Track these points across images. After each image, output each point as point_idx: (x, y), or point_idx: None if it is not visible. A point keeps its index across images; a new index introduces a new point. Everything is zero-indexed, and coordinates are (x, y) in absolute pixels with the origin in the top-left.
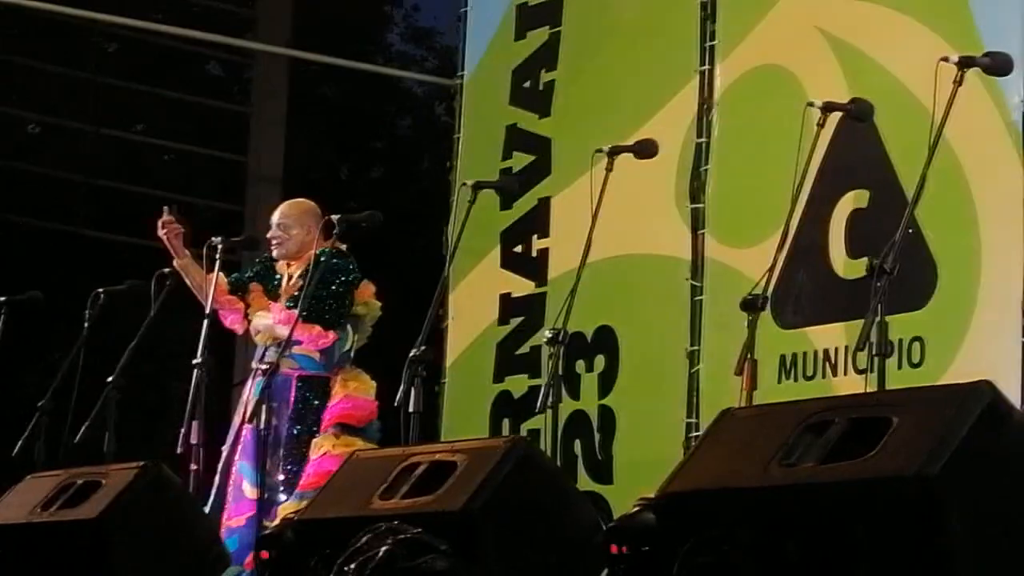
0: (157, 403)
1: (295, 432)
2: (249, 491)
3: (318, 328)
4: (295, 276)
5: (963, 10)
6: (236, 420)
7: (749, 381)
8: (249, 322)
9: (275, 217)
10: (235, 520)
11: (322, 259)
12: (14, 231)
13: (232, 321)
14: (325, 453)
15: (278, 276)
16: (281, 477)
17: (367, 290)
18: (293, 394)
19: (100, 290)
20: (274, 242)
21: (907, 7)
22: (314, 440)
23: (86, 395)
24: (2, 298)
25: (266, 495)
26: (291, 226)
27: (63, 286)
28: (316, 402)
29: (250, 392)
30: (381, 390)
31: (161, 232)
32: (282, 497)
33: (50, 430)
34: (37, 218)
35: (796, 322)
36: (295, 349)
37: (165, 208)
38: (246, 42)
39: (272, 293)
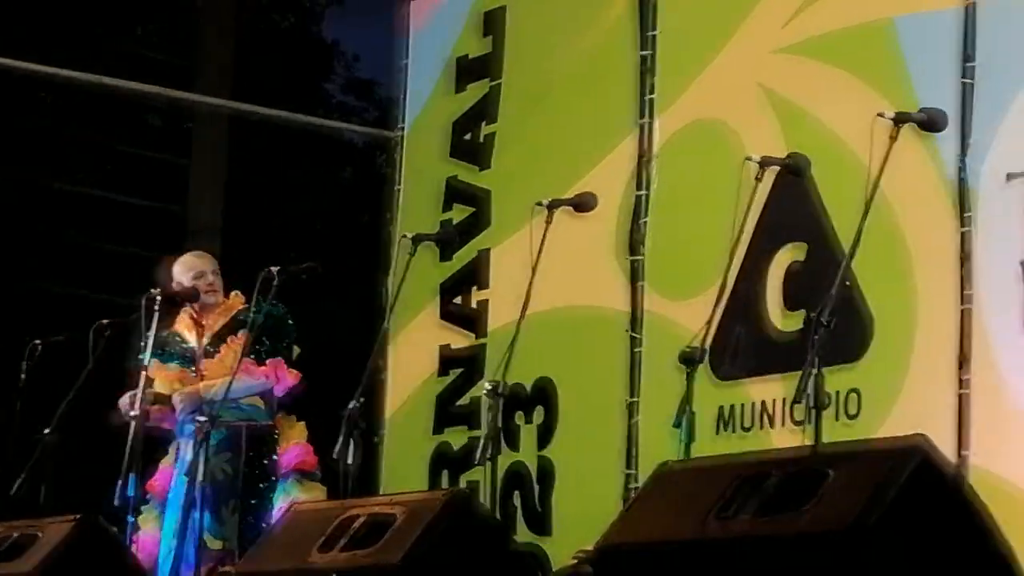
0: (91, 455)
1: (254, 480)
2: (212, 543)
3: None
4: (216, 326)
5: (899, 66)
6: (179, 471)
7: (687, 434)
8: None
9: (201, 266)
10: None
11: (274, 312)
12: None
13: (171, 423)
14: (293, 499)
15: (180, 338)
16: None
17: None
18: (244, 444)
19: (37, 341)
20: (210, 290)
21: (844, 63)
22: (280, 487)
23: (22, 448)
24: None
25: (225, 544)
26: (218, 274)
27: None
28: (265, 451)
29: (188, 448)
30: (320, 442)
31: None
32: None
33: None
34: None
35: (734, 374)
36: (243, 401)
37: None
38: (186, 94)
39: (178, 356)
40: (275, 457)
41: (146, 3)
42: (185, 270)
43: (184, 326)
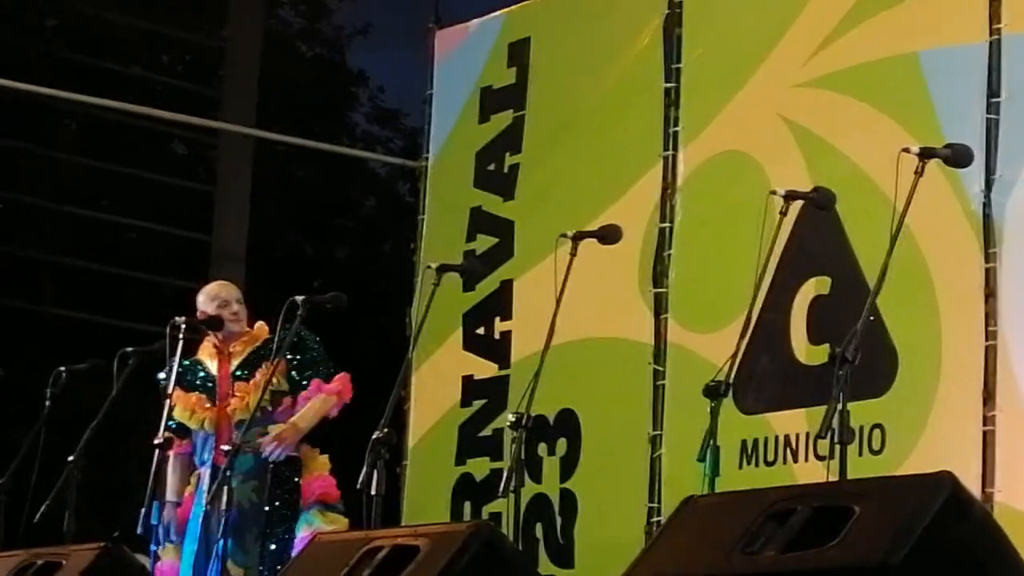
0: (116, 483)
1: (277, 509)
2: (235, 571)
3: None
4: (244, 353)
5: (924, 100)
6: (197, 500)
7: (712, 468)
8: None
9: (226, 295)
10: None
11: (299, 333)
12: None
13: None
14: (315, 530)
15: (202, 367)
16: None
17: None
18: (270, 473)
19: (62, 368)
20: (234, 319)
21: (868, 97)
22: (303, 517)
23: (46, 474)
24: None
25: (247, 573)
26: (242, 302)
27: (25, 364)
28: (293, 480)
29: (208, 477)
30: (343, 472)
31: None
32: None
33: (10, 510)
34: (0, 296)
35: (757, 408)
36: (270, 429)
37: None
38: (211, 122)
39: (200, 385)
40: (299, 488)
41: (173, 32)
42: (209, 299)
43: (207, 355)
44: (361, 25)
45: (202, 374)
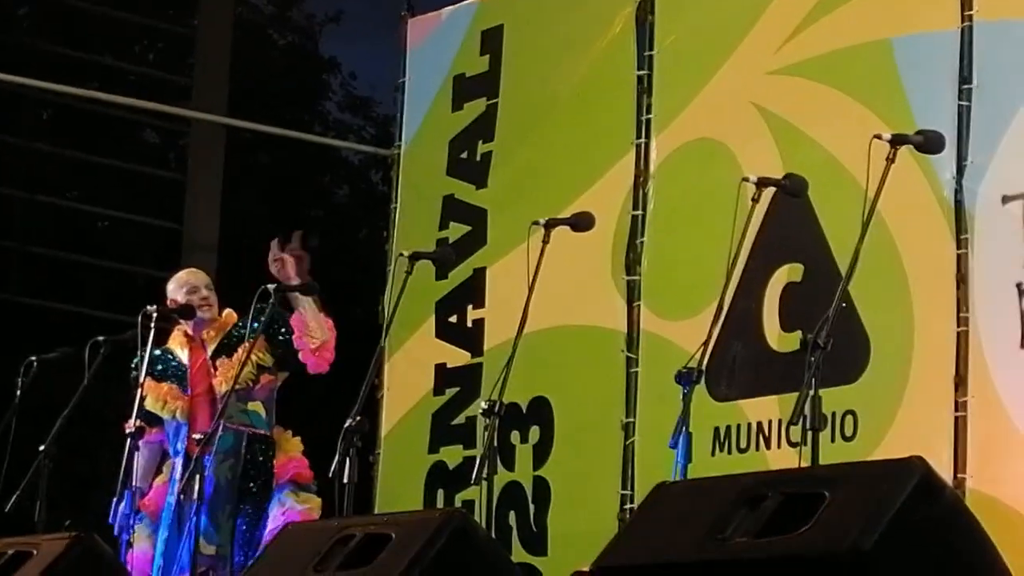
0: (87, 472)
1: (249, 487)
2: (207, 548)
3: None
4: (217, 339)
5: (896, 87)
6: (171, 489)
7: (684, 454)
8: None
9: (195, 282)
10: None
11: (274, 315)
12: None
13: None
14: (287, 509)
15: (172, 355)
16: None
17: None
18: (244, 449)
19: (33, 358)
20: (204, 304)
21: (840, 83)
22: (276, 496)
23: (17, 464)
24: None
25: (218, 550)
26: (212, 289)
27: None
28: (263, 459)
29: (180, 466)
30: (317, 460)
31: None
32: (238, 555)
33: None
34: None
35: (730, 395)
36: (249, 406)
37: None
38: (182, 110)
39: (172, 375)
40: (272, 467)
41: (144, 20)
42: (179, 287)
43: (177, 343)
44: (333, 13)
45: (174, 363)
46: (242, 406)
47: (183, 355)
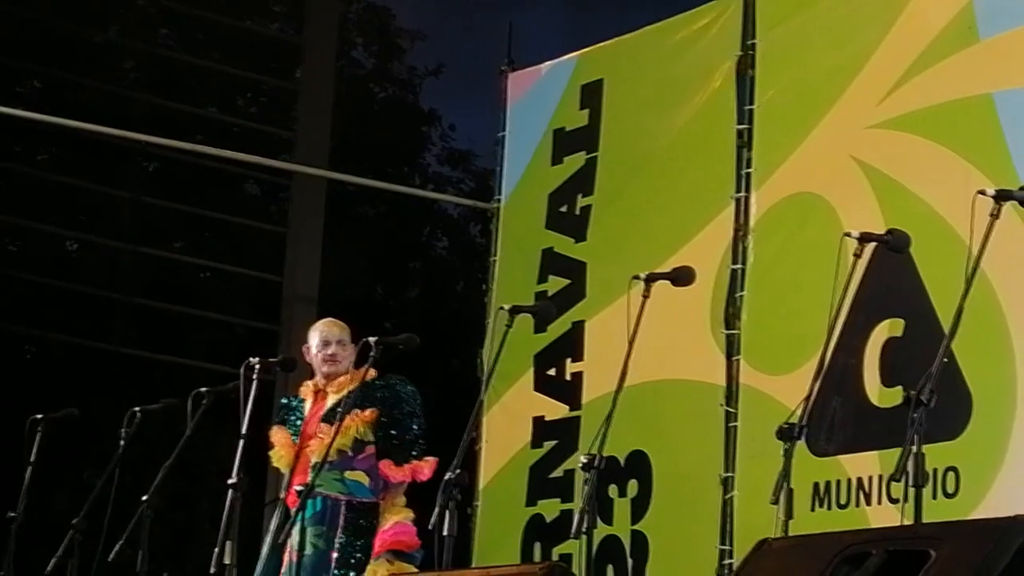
0: (185, 522)
1: (345, 557)
2: None
3: (414, 463)
4: (331, 397)
5: (998, 142)
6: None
7: (785, 510)
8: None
9: (327, 334)
10: None
11: (396, 387)
12: (52, 348)
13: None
14: None
15: (301, 407)
16: None
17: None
18: (343, 519)
19: (136, 409)
20: (330, 360)
21: (942, 138)
22: (368, 566)
23: (119, 514)
24: (39, 415)
25: None
26: (346, 344)
27: (99, 404)
28: (366, 527)
29: (283, 516)
30: (417, 514)
31: None
32: None
33: (84, 549)
34: (74, 335)
35: (829, 450)
36: (347, 475)
37: None
38: (284, 163)
39: (292, 423)
40: (371, 537)
41: (247, 74)
42: (314, 335)
43: (308, 391)
44: (433, 66)
45: (298, 411)
46: (337, 474)
47: (307, 404)
